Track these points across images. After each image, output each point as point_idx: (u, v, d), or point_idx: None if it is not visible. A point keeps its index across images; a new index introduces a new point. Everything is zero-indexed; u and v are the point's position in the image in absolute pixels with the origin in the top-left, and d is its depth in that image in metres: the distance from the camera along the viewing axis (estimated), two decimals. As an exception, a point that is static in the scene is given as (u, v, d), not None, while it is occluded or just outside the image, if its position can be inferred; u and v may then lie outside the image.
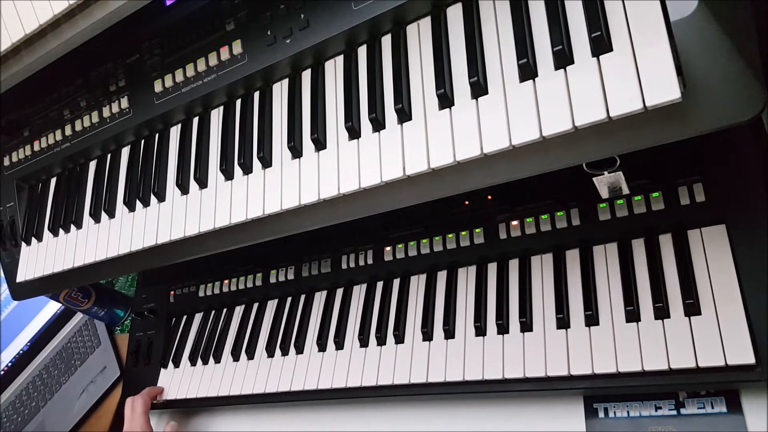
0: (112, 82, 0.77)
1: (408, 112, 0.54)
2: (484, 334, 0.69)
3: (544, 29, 0.48)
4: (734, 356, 0.54)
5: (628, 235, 0.66)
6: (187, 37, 0.69)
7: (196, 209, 0.67)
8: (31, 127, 0.87)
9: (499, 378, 0.65)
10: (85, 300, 1.13)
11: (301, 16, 0.60)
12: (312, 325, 0.85)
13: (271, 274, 0.93)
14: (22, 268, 0.86)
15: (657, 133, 0.44)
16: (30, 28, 0.67)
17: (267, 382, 0.83)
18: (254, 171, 0.64)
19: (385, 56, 0.58)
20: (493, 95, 0.49)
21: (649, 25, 0.43)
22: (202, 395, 0.90)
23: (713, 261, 0.60)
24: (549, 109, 0.46)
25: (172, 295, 1.05)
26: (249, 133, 0.65)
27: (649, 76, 0.42)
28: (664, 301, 0.60)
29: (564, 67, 0.46)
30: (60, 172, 0.87)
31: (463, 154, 0.50)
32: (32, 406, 1.21)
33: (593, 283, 0.65)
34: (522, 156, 0.49)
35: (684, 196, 0.64)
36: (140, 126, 0.75)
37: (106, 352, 1.16)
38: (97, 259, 0.76)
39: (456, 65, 0.53)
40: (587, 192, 0.63)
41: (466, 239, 0.76)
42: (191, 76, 0.69)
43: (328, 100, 0.61)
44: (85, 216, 0.80)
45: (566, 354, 0.62)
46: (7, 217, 0.91)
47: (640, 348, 0.59)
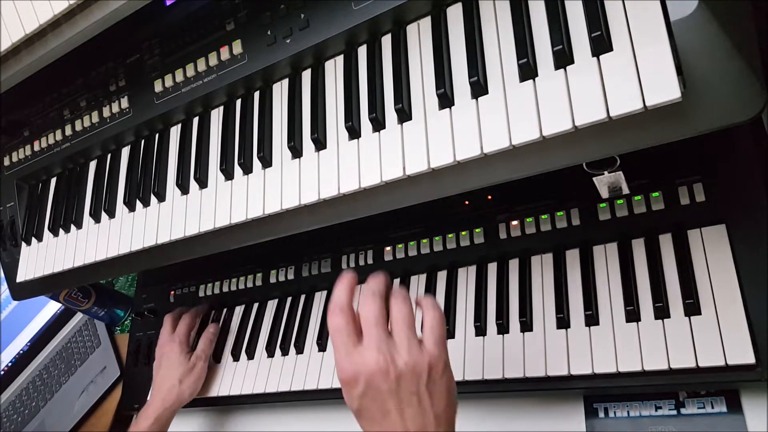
0: (112, 82, 0.76)
1: (408, 112, 0.54)
2: (484, 334, 0.69)
3: (544, 29, 0.48)
4: (734, 356, 0.54)
5: (628, 235, 0.66)
6: (187, 37, 0.69)
7: (196, 209, 0.67)
8: (31, 127, 0.87)
9: (499, 378, 0.65)
10: (85, 300, 1.13)
11: (301, 16, 0.60)
12: (312, 325, 0.85)
13: (271, 274, 0.93)
14: (22, 268, 0.85)
15: (657, 132, 0.44)
16: (30, 28, 0.67)
17: (267, 382, 0.83)
18: (254, 171, 0.64)
19: (385, 56, 0.58)
20: (493, 95, 0.49)
21: (649, 24, 0.43)
22: (202, 395, 0.90)
23: (713, 261, 0.60)
24: (549, 108, 0.46)
25: (172, 295, 1.05)
26: (249, 133, 0.65)
27: (649, 76, 0.42)
28: (664, 301, 0.60)
29: (564, 67, 0.46)
30: (60, 172, 0.87)
31: (463, 154, 0.50)
32: (32, 406, 1.21)
33: (593, 283, 0.65)
34: (522, 156, 0.49)
35: (684, 196, 0.64)
36: (140, 126, 0.75)
37: (106, 352, 1.16)
38: (97, 259, 0.76)
39: (456, 65, 0.52)
40: (587, 192, 0.63)
41: (466, 239, 0.76)
42: (191, 76, 0.69)
43: (328, 100, 0.61)
44: (85, 216, 0.80)
45: (566, 354, 0.62)
46: (7, 217, 0.91)
47: (640, 348, 0.59)
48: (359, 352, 0.47)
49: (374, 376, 0.46)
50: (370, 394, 0.47)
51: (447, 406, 0.48)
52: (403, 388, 0.46)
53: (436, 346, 0.48)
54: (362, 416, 0.49)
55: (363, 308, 0.49)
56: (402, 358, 0.47)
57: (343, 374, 0.48)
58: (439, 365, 0.48)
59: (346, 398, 0.49)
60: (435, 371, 0.47)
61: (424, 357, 0.47)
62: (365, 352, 0.47)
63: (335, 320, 0.49)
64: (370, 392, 0.47)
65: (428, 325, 0.49)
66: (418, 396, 0.46)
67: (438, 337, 0.49)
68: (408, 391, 0.46)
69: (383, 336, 0.48)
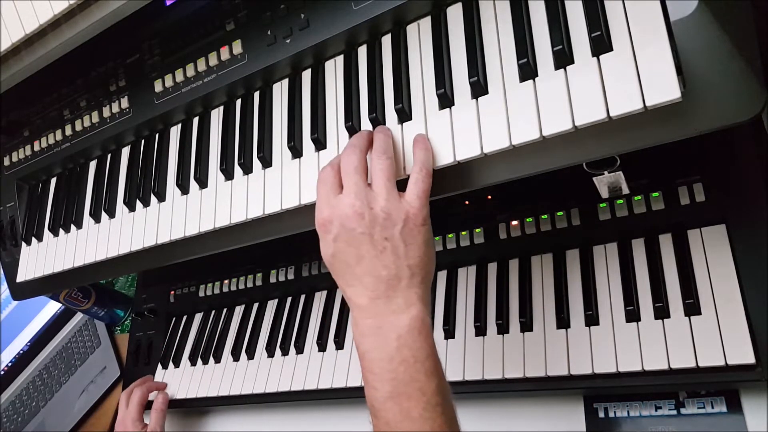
0: (112, 82, 0.76)
1: (408, 112, 0.54)
2: (484, 334, 0.69)
3: (544, 29, 0.48)
4: (734, 356, 0.54)
5: (628, 234, 0.66)
6: (187, 37, 0.69)
7: (196, 209, 0.67)
8: (31, 127, 0.87)
9: (499, 378, 0.65)
10: (85, 300, 1.13)
11: (301, 15, 0.60)
12: (312, 325, 0.85)
13: (271, 274, 0.93)
14: (22, 268, 0.86)
15: (657, 132, 0.44)
16: (30, 28, 0.67)
17: (267, 382, 0.83)
18: (254, 171, 0.64)
19: (385, 56, 0.58)
20: (493, 95, 0.49)
21: (649, 24, 0.43)
22: (202, 395, 0.90)
23: (713, 261, 0.60)
24: (549, 108, 0.46)
25: (172, 295, 1.05)
26: (249, 133, 0.65)
27: (649, 76, 0.42)
28: (664, 301, 0.60)
29: (564, 67, 0.46)
30: (60, 172, 0.87)
31: (463, 154, 0.50)
32: (32, 406, 1.21)
33: (593, 283, 0.65)
34: (522, 156, 0.49)
35: (684, 196, 0.64)
36: (140, 126, 0.75)
37: (106, 352, 1.16)
38: (97, 259, 0.76)
39: (456, 65, 0.52)
40: (587, 192, 0.63)
41: (466, 239, 0.76)
42: (191, 76, 0.69)
43: (329, 100, 0.61)
44: (85, 216, 0.80)
45: (566, 354, 0.62)
46: (7, 217, 0.91)
47: (640, 348, 0.59)
48: (338, 198, 0.48)
49: (348, 218, 0.47)
50: (344, 236, 0.47)
51: (422, 259, 0.48)
52: (377, 233, 0.46)
53: (417, 198, 0.48)
54: (337, 267, 0.49)
55: (342, 160, 0.50)
56: (378, 204, 0.47)
57: (320, 217, 0.49)
58: (418, 217, 0.48)
59: (323, 247, 0.50)
60: (412, 221, 0.47)
61: (402, 206, 0.47)
62: (343, 198, 0.48)
63: (323, 173, 0.51)
64: (344, 234, 0.47)
65: (413, 178, 0.49)
66: (392, 243, 0.46)
67: (420, 191, 0.48)
68: (382, 236, 0.46)
69: (361, 184, 0.48)
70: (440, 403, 0.45)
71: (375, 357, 0.46)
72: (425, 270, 0.48)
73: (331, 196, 0.49)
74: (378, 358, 0.46)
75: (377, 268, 0.46)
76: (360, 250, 0.47)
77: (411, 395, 0.44)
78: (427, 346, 0.46)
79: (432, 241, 0.49)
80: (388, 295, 0.46)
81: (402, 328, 0.46)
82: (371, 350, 0.46)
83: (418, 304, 0.47)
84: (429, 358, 0.46)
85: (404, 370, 0.45)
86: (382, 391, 0.45)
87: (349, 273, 0.48)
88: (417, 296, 0.47)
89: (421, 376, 0.45)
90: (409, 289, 0.47)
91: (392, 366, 0.45)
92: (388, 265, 0.46)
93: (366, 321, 0.47)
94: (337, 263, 0.49)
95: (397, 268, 0.46)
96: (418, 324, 0.46)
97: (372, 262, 0.47)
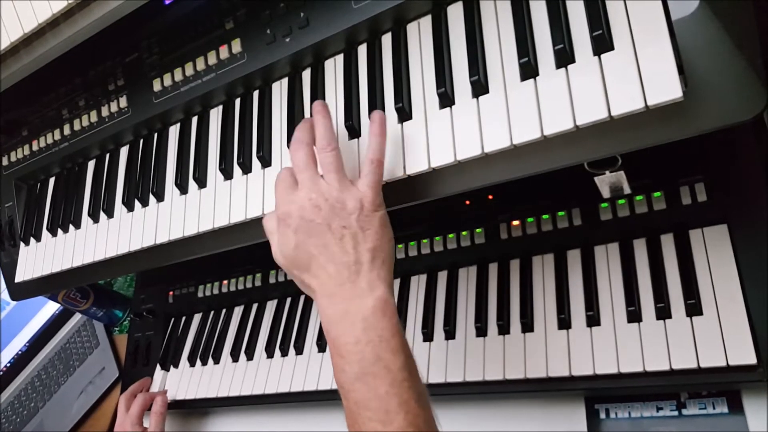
0: (111, 81, 0.76)
1: (408, 111, 0.54)
2: (485, 335, 0.69)
3: (545, 28, 0.48)
4: (736, 357, 0.54)
5: (630, 235, 0.66)
6: (186, 35, 0.69)
7: (195, 209, 0.67)
8: (29, 126, 0.87)
9: (500, 379, 0.65)
10: (83, 300, 1.12)
11: (301, 14, 0.60)
12: (312, 326, 0.85)
13: (270, 274, 0.93)
14: (21, 269, 0.85)
15: (658, 132, 0.44)
16: (29, 27, 0.67)
17: (266, 383, 0.83)
18: (253, 170, 0.64)
19: (385, 55, 0.58)
20: (494, 94, 0.49)
21: (650, 24, 0.42)
22: (201, 396, 0.90)
23: (715, 261, 0.60)
24: (550, 108, 0.46)
25: (171, 296, 1.04)
26: (248, 133, 0.65)
27: (651, 75, 0.42)
28: (665, 302, 0.59)
29: (565, 66, 0.46)
30: (59, 172, 0.87)
31: (464, 154, 0.49)
32: (31, 406, 1.21)
33: (595, 284, 0.65)
34: (523, 155, 0.49)
35: (686, 196, 0.64)
36: (139, 125, 0.75)
37: (104, 352, 1.15)
38: (95, 259, 0.75)
39: (456, 64, 0.52)
40: (589, 192, 0.63)
41: (466, 239, 0.76)
42: (190, 75, 0.68)
43: (328, 99, 0.60)
44: (84, 216, 0.79)
45: (567, 354, 0.62)
46: (6, 217, 0.90)
47: (641, 348, 0.59)
48: (295, 194, 0.51)
49: (306, 210, 0.49)
50: (304, 227, 0.49)
51: (381, 242, 0.50)
52: (335, 222, 0.49)
53: (369, 188, 0.50)
54: (300, 258, 0.50)
55: (291, 158, 0.53)
56: (332, 195, 0.49)
57: (279, 212, 0.52)
58: (372, 203, 0.50)
59: (282, 242, 0.52)
60: (367, 208, 0.49)
61: (355, 194, 0.50)
62: (299, 193, 0.51)
63: (280, 173, 0.53)
64: (303, 225, 0.49)
65: (363, 171, 0.51)
66: (350, 230, 0.49)
67: (371, 182, 0.50)
68: (340, 225, 0.49)
69: (314, 178, 0.51)
70: (406, 378, 0.46)
71: (343, 341, 0.47)
72: (385, 252, 0.50)
73: (288, 192, 0.51)
74: (345, 342, 0.47)
75: (338, 255, 0.48)
76: (321, 239, 0.49)
77: (377, 374, 0.46)
78: (391, 325, 0.47)
79: (388, 224, 0.51)
80: (352, 280, 0.48)
81: (367, 310, 0.47)
82: (340, 335, 0.48)
83: (381, 285, 0.48)
84: (394, 337, 0.47)
85: (371, 350, 0.46)
86: (350, 372, 0.47)
87: (314, 263, 0.50)
88: (379, 278, 0.49)
89: (387, 354, 0.46)
90: (371, 272, 0.49)
91: (359, 348, 0.46)
92: (349, 251, 0.48)
93: (334, 307, 0.49)
94: (300, 254, 0.50)
95: (357, 253, 0.48)
96: (381, 305, 0.48)
97: (333, 250, 0.49)
